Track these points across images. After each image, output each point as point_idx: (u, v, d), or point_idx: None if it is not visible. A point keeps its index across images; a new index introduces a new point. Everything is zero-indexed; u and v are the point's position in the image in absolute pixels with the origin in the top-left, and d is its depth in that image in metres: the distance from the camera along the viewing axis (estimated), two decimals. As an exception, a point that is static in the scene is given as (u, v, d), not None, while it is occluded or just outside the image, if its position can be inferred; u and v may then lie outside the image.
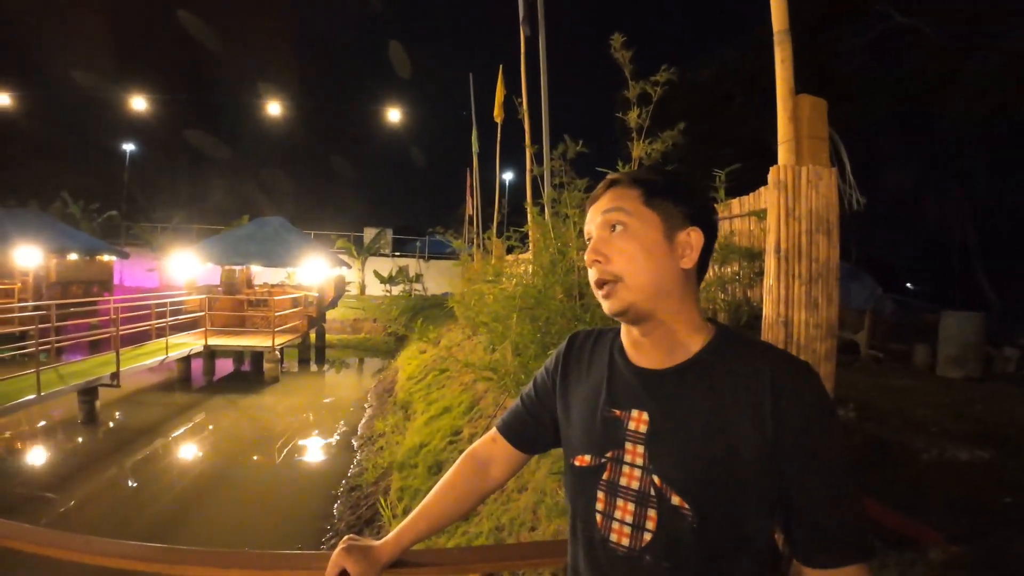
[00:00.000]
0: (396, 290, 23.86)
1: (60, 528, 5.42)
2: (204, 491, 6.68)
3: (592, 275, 0.92)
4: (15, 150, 31.20)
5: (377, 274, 24.11)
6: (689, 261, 0.89)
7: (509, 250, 4.69)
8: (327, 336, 17.19)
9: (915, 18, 13.06)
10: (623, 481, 0.87)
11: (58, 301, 11.99)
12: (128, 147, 33.44)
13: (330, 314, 17.80)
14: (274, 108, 22.93)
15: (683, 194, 0.92)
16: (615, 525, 0.87)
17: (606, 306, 0.90)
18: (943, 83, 13.04)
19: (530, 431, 1.13)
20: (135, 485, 6.85)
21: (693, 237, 0.89)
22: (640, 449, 0.87)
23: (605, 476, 0.90)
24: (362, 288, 25.01)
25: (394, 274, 24.27)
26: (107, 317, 11.70)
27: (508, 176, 24.40)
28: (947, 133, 15.34)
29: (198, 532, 5.60)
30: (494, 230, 9.74)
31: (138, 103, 22.81)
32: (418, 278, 24.69)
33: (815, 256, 1.89)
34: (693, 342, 0.90)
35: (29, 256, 15.33)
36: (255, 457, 7.85)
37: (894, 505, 2.52)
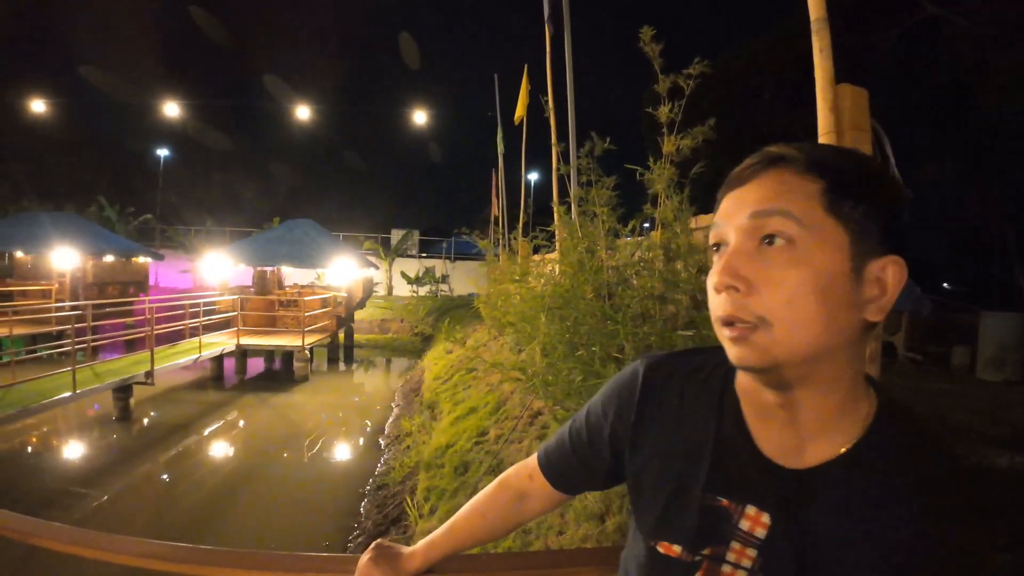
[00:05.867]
0: (423, 291, 24.05)
1: (93, 523, 5.55)
2: (235, 487, 6.79)
3: (718, 306, 0.63)
4: (52, 155, 32.11)
5: (404, 275, 24.34)
6: (879, 311, 0.60)
7: (535, 250, 4.66)
8: (355, 336, 17.33)
9: (947, 8, 12.68)
10: None
11: (94, 301, 12.30)
12: (162, 152, 34.29)
13: (358, 314, 17.95)
14: (303, 112, 23.23)
15: (886, 198, 0.61)
16: None
17: (733, 354, 0.63)
18: (977, 76, 12.64)
19: (576, 476, 0.92)
20: (168, 481, 6.99)
21: (891, 273, 0.59)
22: (751, 552, 0.66)
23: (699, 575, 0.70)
24: (389, 289, 25.20)
25: (421, 275, 24.46)
26: (142, 317, 11.98)
27: (533, 177, 24.38)
28: (983, 127, 14.85)
29: (228, 527, 5.68)
30: (520, 230, 9.71)
31: (171, 108, 23.31)
32: (444, 279, 24.85)
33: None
34: (847, 426, 0.65)
35: (66, 258, 15.77)
36: (285, 454, 7.95)
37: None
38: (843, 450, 0.64)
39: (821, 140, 2.00)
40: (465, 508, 1.03)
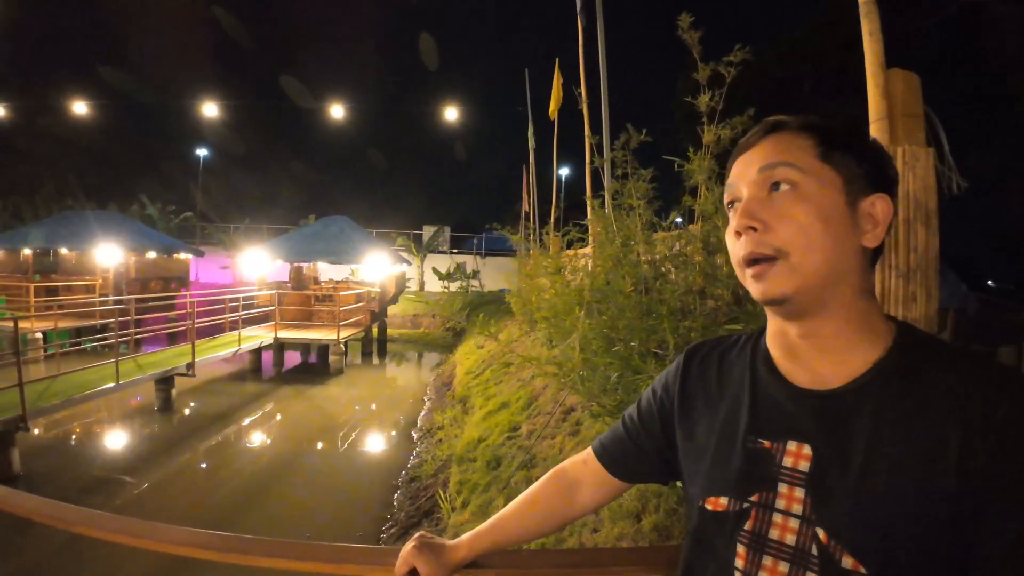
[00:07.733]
0: (454, 286, 24.15)
1: (134, 511, 5.70)
2: (272, 477, 6.91)
3: (740, 248, 0.71)
4: (95, 155, 33.20)
5: (436, 271, 24.50)
6: (874, 238, 0.69)
7: (568, 245, 4.60)
8: (388, 330, 17.54)
9: None
10: (774, 534, 0.68)
11: (137, 296, 12.67)
12: (202, 151, 35.10)
13: (391, 309, 18.13)
14: (338, 111, 23.44)
15: (869, 150, 0.71)
16: None
17: (757, 290, 0.70)
18: (1020, 64, 12.10)
19: (630, 459, 0.94)
20: (207, 470, 7.16)
21: (880, 207, 0.69)
22: (799, 493, 0.67)
23: (748, 526, 0.70)
24: (421, 285, 25.39)
25: (452, 271, 24.57)
26: (184, 311, 12.30)
27: (565, 172, 24.22)
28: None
29: (265, 516, 5.78)
30: (552, 224, 9.64)
31: (211, 109, 23.75)
32: (475, 275, 24.90)
33: (913, 245, 1.71)
34: (870, 348, 0.69)
35: (109, 254, 16.29)
36: (320, 445, 8.07)
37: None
38: (873, 361, 0.68)
39: (872, 126, 1.92)
40: (516, 500, 1.03)
